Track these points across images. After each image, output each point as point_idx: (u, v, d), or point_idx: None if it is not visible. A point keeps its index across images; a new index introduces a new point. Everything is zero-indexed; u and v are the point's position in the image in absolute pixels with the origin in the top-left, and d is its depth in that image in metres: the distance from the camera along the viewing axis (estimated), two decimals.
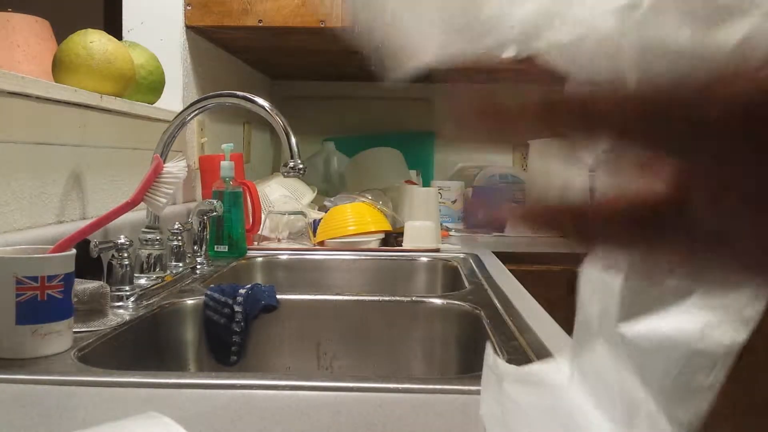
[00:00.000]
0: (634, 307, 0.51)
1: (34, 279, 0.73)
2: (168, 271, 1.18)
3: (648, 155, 0.32)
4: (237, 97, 1.20)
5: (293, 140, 1.15)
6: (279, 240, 1.68)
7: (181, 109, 1.26)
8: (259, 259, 1.53)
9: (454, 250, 1.70)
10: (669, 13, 0.39)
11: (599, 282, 0.53)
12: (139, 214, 1.15)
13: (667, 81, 0.30)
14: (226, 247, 1.48)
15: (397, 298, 1.10)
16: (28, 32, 1.31)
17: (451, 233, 2.17)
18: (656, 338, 0.50)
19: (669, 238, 0.31)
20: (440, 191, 2.27)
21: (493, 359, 0.61)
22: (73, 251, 0.79)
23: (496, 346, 0.84)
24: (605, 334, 0.54)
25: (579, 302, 0.56)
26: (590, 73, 0.45)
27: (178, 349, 1.05)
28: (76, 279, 0.80)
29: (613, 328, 0.52)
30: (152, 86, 1.45)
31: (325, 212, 1.79)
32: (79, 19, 1.61)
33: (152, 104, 1.47)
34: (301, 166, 1.15)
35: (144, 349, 0.95)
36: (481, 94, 0.36)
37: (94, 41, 1.21)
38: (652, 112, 0.30)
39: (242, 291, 1.08)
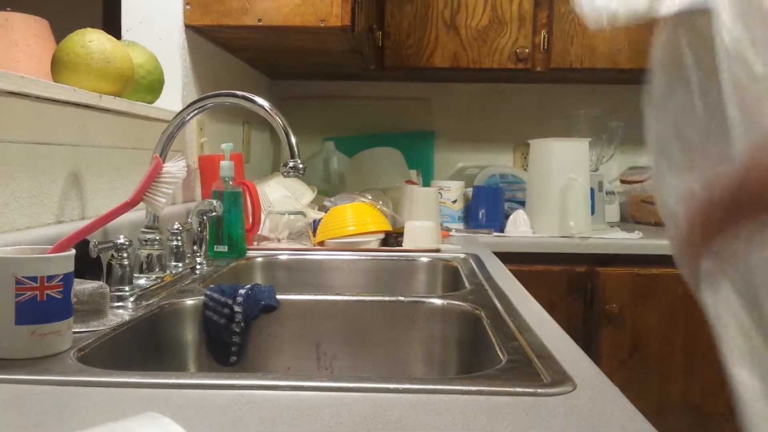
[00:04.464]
0: None
1: (34, 279, 0.73)
2: (167, 272, 1.18)
3: None
4: (237, 96, 1.19)
5: (293, 140, 1.15)
6: (279, 240, 1.68)
7: (180, 108, 1.26)
8: (259, 259, 1.53)
9: (454, 250, 1.70)
10: None
11: None
12: (138, 214, 1.15)
13: None
14: (226, 247, 1.48)
15: (397, 298, 1.10)
16: (27, 31, 1.31)
17: (451, 233, 2.17)
18: None
19: None
20: (440, 191, 2.27)
21: None
22: (73, 251, 0.78)
23: (496, 346, 0.84)
24: None
25: None
26: None
27: (178, 349, 1.05)
28: (75, 279, 0.80)
29: None
30: (151, 86, 1.44)
31: (325, 212, 1.79)
32: (78, 19, 1.61)
33: (151, 104, 1.46)
34: (301, 166, 1.15)
35: (144, 349, 0.94)
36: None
37: (93, 40, 1.21)
38: None
39: (242, 291, 1.08)
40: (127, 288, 1.01)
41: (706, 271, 0.53)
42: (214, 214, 1.37)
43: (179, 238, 1.26)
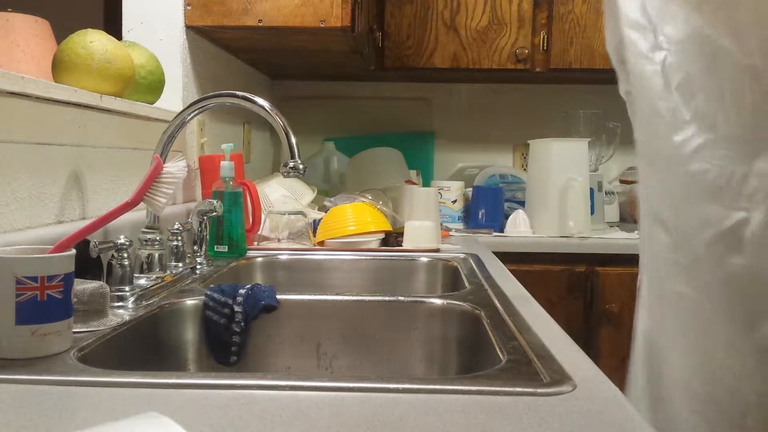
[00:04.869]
0: None
1: (34, 279, 0.73)
2: (168, 271, 1.18)
3: None
4: (237, 97, 1.19)
5: (293, 140, 1.15)
6: (279, 240, 1.68)
7: (181, 109, 1.26)
8: (259, 259, 1.53)
9: (454, 250, 1.70)
10: None
11: None
12: (139, 214, 1.15)
13: None
14: (226, 247, 1.48)
15: (397, 298, 1.10)
16: (28, 32, 1.31)
17: (451, 233, 2.17)
18: None
19: None
20: (440, 191, 2.27)
21: None
22: (73, 251, 0.79)
23: (496, 345, 0.84)
24: None
25: None
26: None
27: (178, 349, 1.05)
28: (75, 279, 0.80)
29: None
30: (152, 86, 1.45)
31: (325, 212, 1.79)
32: (79, 19, 1.61)
33: (152, 104, 1.47)
34: (301, 166, 1.15)
35: (144, 349, 0.95)
36: None
37: (93, 41, 1.21)
38: None
39: (242, 291, 1.08)
40: (127, 288, 1.01)
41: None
42: (214, 214, 1.37)
43: (179, 238, 1.26)
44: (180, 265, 1.25)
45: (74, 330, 0.80)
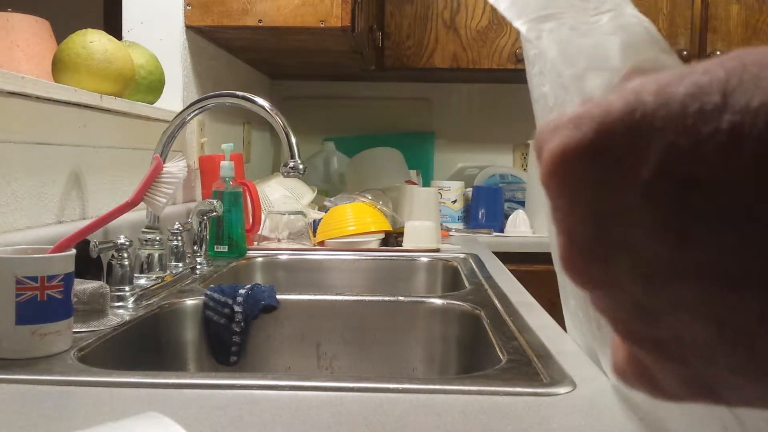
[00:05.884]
0: None
1: (34, 279, 0.73)
2: (168, 271, 1.18)
3: None
4: (237, 97, 1.19)
5: (293, 140, 1.15)
6: (279, 240, 1.68)
7: (181, 109, 1.26)
8: (259, 259, 1.53)
9: (454, 250, 1.70)
10: None
11: None
12: (139, 214, 1.15)
13: None
14: (226, 247, 1.48)
15: (397, 298, 1.10)
16: (28, 32, 1.31)
17: (451, 233, 2.17)
18: None
19: None
20: (440, 191, 2.27)
21: None
22: (73, 251, 0.79)
23: (496, 345, 0.84)
24: None
25: None
26: None
27: (178, 349, 1.05)
28: (75, 279, 0.80)
29: None
30: (152, 86, 1.45)
31: (325, 212, 1.79)
32: (79, 19, 1.61)
33: (152, 104, 1.47)
34: (301, 166, 1.15)
35: (144, 349, 0.95)
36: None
37: (93, 41, 1.21)
38: None
39: (242, 291, 1.08)
40: (127, 288, 1.01)
41: None
42: (214, 214, 1.37)
43: (179, 238, 1.26)
44: (180, 265, 1.25)
45: (74, 330, 0.80)
